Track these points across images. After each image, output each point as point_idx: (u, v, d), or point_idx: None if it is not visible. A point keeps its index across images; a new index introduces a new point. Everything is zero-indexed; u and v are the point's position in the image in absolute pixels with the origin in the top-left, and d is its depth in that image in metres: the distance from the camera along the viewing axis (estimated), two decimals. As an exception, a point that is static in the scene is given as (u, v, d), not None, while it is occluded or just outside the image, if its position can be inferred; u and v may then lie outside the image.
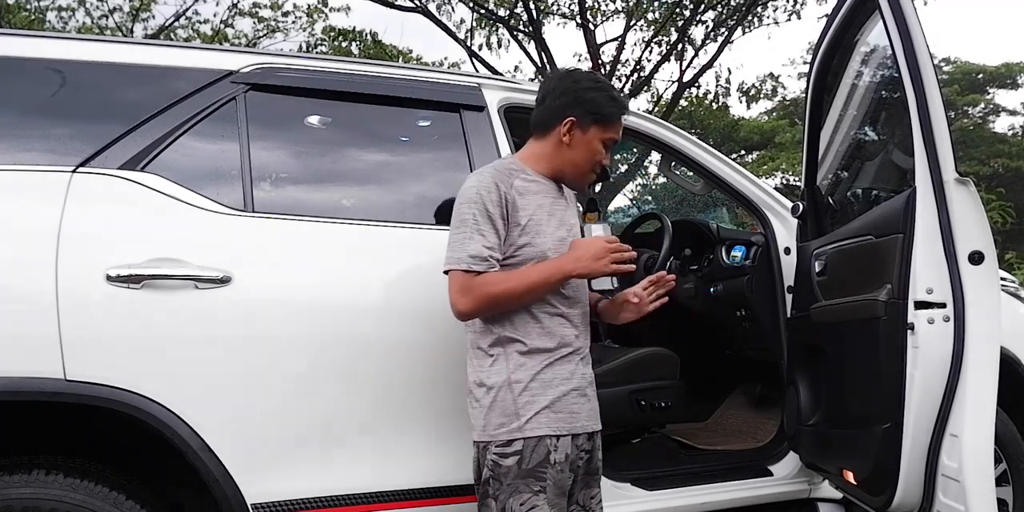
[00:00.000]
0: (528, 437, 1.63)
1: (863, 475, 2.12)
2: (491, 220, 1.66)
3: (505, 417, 1.65)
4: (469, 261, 1.63)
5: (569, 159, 1.78)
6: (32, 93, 1.87)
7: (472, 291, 1.63)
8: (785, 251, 2.62)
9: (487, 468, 1.65)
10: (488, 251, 1.64)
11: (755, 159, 19.26)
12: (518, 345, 1.68)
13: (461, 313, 1.66)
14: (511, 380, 1.66)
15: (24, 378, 1.63)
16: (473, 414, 1.71)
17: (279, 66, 2.08)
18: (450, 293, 1.66)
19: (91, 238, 1.74)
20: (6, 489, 1.61)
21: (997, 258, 1.94)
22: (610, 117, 1.78)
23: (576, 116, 1.75)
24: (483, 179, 1.69)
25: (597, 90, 1.77)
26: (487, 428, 1.66)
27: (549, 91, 1.79)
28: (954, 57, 21.65)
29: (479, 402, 1.69)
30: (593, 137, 1.77)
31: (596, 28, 12.15)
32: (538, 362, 1.68)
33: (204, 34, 13.46)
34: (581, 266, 1.67)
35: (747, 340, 2.89)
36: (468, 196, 1.67)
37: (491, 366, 1.69)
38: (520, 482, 1.63)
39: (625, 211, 16.31)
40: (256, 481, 1.79)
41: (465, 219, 1.66)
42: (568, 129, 1.75)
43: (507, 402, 1.65)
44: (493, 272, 1.64)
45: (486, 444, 1.66)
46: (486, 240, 1.64)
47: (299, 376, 1.85)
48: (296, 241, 1.92)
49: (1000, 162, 18.51)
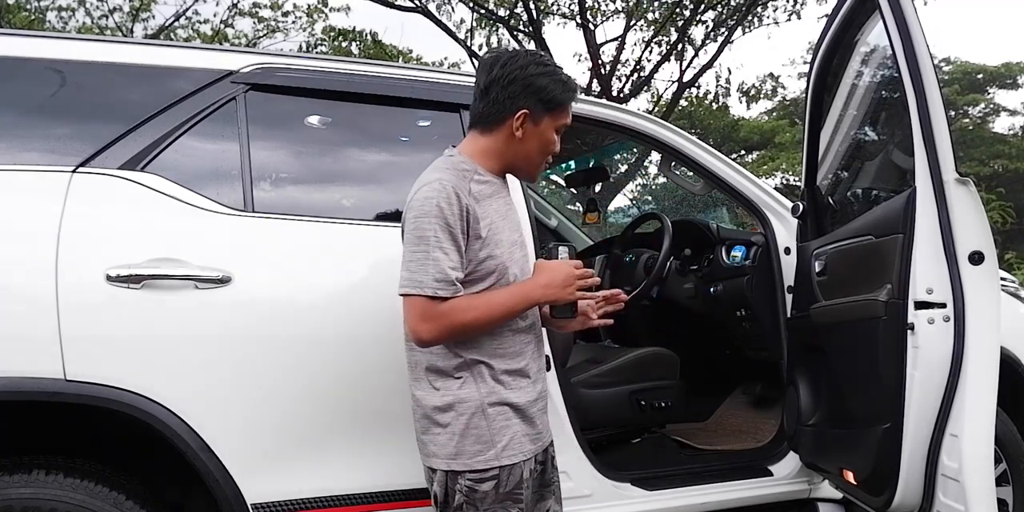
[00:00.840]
0: (505, 465, 1.55)
1: (863, 475, 2.12)
2: (453, 236, 1.50)
3: (481, 444, 1.54)
4: (435, 286, 1.47)
5: (523, 153, 1.64)
6: (32, 93, 1.87)
7: (437, 319, 1.49)
8: (785, 251, 2.62)
9: (460, 493, 1.54)
10: (453, 272, 1.49)
11: (755, 159, 19.26)
12: (486, 367, 1.57)
13: (423, 342, 1.53)
14: (484, 404, 1.55)
15: (24, 378, 1.63)
16: (435, 440, 1.57)
17: (279, 66, 2.08)
18: (409, 318, 1.51)
19: (91, 238, 1.74)
20: (6, 489, 1.61)
21: (997, 258, 1.94)
22: (562, 103, 1.63)
23: (529, 107, 1.59)
24: (442, 189, 1.51)
25: (547, 75, 1.60)
26: (460, 456, 1.54)
27: (494, 80, 1.59)
28: (954, 57, 21.66)
29: (445, 427, 1.55)
30: (547, 127, 1.63)
31: (596, 28, 12.16)
32: (508, 384, 1.58)
33: (204, 34, 13.47)
34: (549, 294, 1.57)
35: (747, 340, 2.89)
36: (427, 209, 1.50)
37: (459, 389, 1.55)
38: (498, 506, 1.55)
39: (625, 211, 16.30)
40: (256, 481, 1.79)
41: (425, 236, 1.49)
42: (521, 122, 1.60)
43: (481, 428, 1.54)
44: (457, 298, 1.51)
45: (458, 471, 1.55)
46: (449, 259, 1.49)
47: (299, 376, 1.85)
48: (296, 241, 1.92)
49: (1000, 162, 18.52)
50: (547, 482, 1.70)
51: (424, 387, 1.59)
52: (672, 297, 3.01)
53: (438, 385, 1.58)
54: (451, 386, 1.56)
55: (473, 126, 1.67)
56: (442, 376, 1.57)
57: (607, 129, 2.54)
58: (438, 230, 1.49)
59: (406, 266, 1.51)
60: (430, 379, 1.59)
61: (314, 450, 1.87)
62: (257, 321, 1.83)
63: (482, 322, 1.54)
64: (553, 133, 1.66)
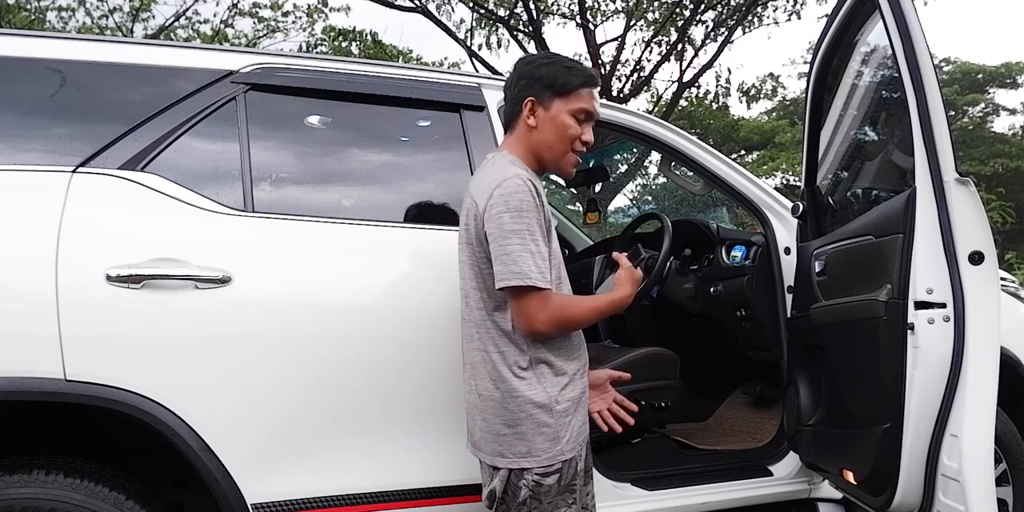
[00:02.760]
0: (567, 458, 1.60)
1: (863, 475, 2.12)
2: (542, 230, 1.56)
3: (549, 442, 1.58)
4: (538, 277, 1.51)
5: (542, 142, 1.67)
6: (32, 93, 1.87)
7: (553, 312, 1.54)
8: (785, 251, 2.62)
9: (526, 488, 1.58)
10: (547, 266, 1.54)
11: (755, 159, 19.26)
12: (548, 366, 1.61)
13: (539, 332, 1.56)
14: (551, 402, 1.59)
15: (24, 378, 1.63)
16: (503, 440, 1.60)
17: (279, 66, 2.08)
18: (525, 310, 1.53)
19: (91, 238, 1.73)
20: (6, 489, 1.61)
21: (997, 258, 1.94)
22: (568, 85, 1.65)
23: (534, 95, 1.65)
24: (525, 183, 1.55)
25: (549, 65, 1.67)
26: (530, 455, 1.58)
27: (509, 84, 1.71)
28: (954, 57, 21.66)
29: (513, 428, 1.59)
30: (558, 111, 1.65)
31: (596, 28, 12.17)
32: (567, 381, 1.63)
33: (204, 34, 13.46)
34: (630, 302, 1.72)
35: (747, 340, 2.89)
36: (514, 203, 1.53)
37: (528, 390, 1.59)
38: (559, 498, 1.61)
39: (625, 211, 16.31)
40: (256, 481, 1.79)
41: (519, 230, 1.52)
42: (530, 110, 1.66)
43: (549, 426, 1.58)
44: (564, 296, 1.60)
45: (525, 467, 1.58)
46: (543, 253, 1.54)
47: (300, 376, 1.85)
48: (296, 241, 1.92)
49: (1000, 162, 18.52)
50: (588, 467, 1.75)
51: (489, 388, 1.62)
52: (672, 297, 3.01)
53: (505, 388, 1.60)
54: (519, 386, 1.59)
55: (505, 131, 1.77)
56: (509, 379, 1.60)
57: (607, 129, 2.54)
58: (532, 224, 1.54)
59: (501, 260, 1.53)
60: (496, 381, 1.61)
61: (315, 450, 1.87)
62: (257, 321, 1.82)
63: (585, 322, 1.64)
64: (569, 117, 1.67)
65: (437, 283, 2.00)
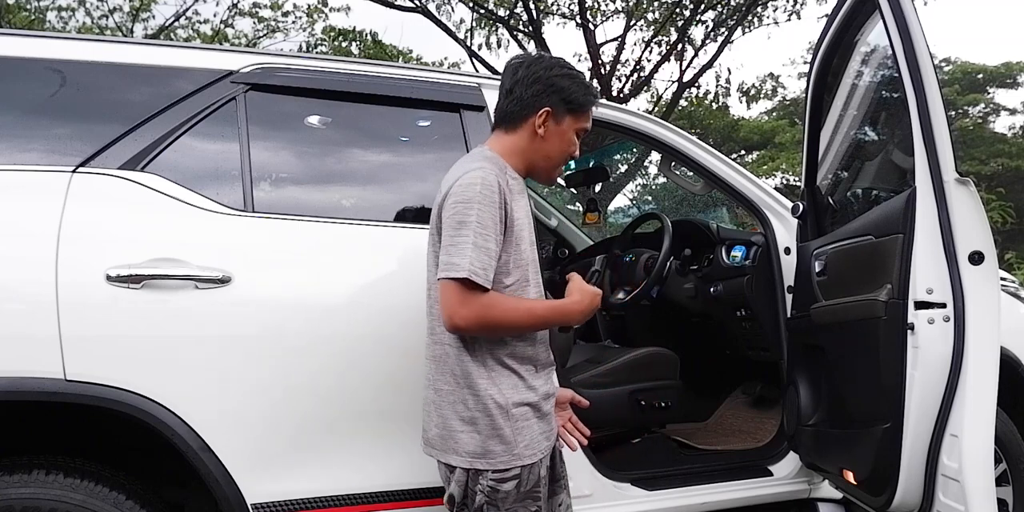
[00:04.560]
0: (526, 464, 1.56)
1: (863, 475, 2.12)
2: (493, 224, 1.51)
3: (504, 444, 1.55)
4: (472, 270, 1.47)
5: (544, 152, 1.68)
6: (32, 93, 1.87)
7: (476, 308, 1.49)
8: (785, 251, 2.62)
9: (482, 493, 1.55)
10: (491, 262, 1.50)
11: (755, 159, 19.27)
12: (509, 368, 1.59)
13: (456, 327, 1.52)
14: (509, 404, 1.56)
15: (24, 378, 1.63)
16: (459, 438, 1.57)
17: (279, 66, 2.08)
18: (447, 302, 1.50)
19: (91, 238, 1.74)
20: (6, 489, 1.61)
21: (997, 258, 1.94)
22: (584, 106, 1.69)
23: (551, 106, 1.64)
24: (485, 177, 1.52)
25: (570, 78, 1.66)
26: (485, 456, 1.55)
27: (518, 80, 1.65)
28: (954, 57, 21.67)
29: (471, 426, 1.56)
30: (568, 128, 1.68)
31: (596, 28, 12.17)
32: (529, 383, 1.60)
33: (204, 34, 13.47)
34: (583, 317, 1.68)
35: (747, 340, 2.89)
36: (469, 195, 1.51)
37: (487, 389, 1.56)
38: (518, 505, 1.57)
39: (625, 211, 16.30)
40: (256, 481, 1.79)
41: (467, 221, 1.50)
42: (544, 120, 1.65)
43: (505, 429, 1.55)
44: (498, 294, 1.53)
45: (480, 471, 1.55)
46: (489, 249, 1.50)
47: (299, 376, 1.85)
48: (296, 241, 1.92)
49: (1000, 162, 18.52)
50: (557, 476, 1.73)
51: (449, 384, 1.59)
52: (672, 297, 3.01)
53: (465, 384, 1.58)
54: (479, 386, 1.56)
55: (497, 125, 1.72)
56: (470, 375, 1.57)
57: (607, 129, 2.54)
58: (480, 216, 1.50)
59: (446, 250, 1.51)
60: (456, 377, 1.59)
61: (315, 450, 1.87)
62: (257, 321, 1.83)
63: (516, 326, 1.58)
64: (574, 135, 1.71)
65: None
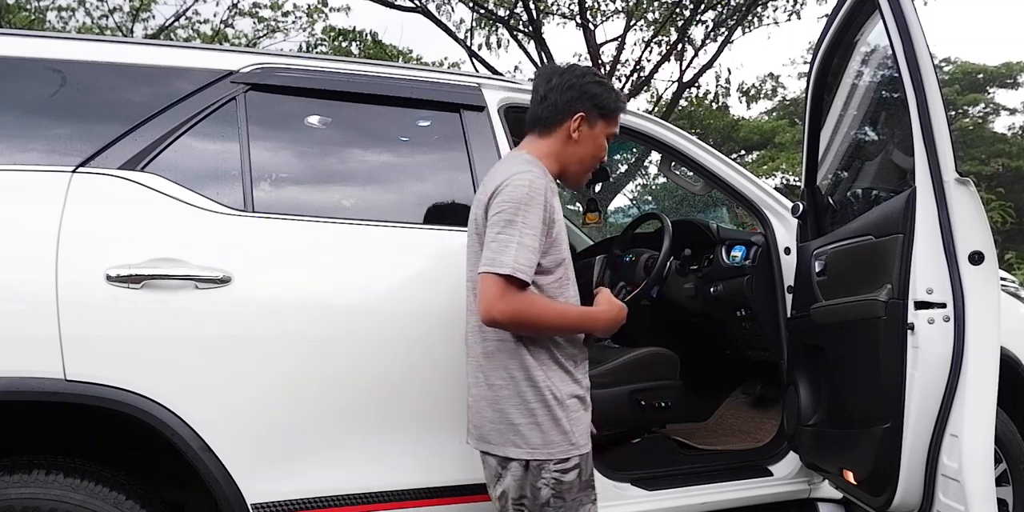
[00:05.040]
0: (583, 453, 1.64)
1: (863, 475, 2.12)
2: (539, 226, 1.58)
3: (562, 434, 1.61)
4: (515, 267, 1.52)
5: (577, 156, 1.77)
6: (32, 93, 1.87)
7: (514, 304, 1.53)
8: (785, 251, 2.62)
9: (547, 487, 1.60)
10: (534, 260, 1.56)
11: (755, 159, 19.26)
12: (558, 361, 1.65)
13: (493, 320, 1.56)
14: (564, 395, 1.63)
15: (24, 378, 1.63)
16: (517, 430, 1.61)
17: (279, 66, 2.08)
18: (486, 295, 1.54)
19: (91, 238, 1.74)
20: (6, 489, 1.61)
21: (997, 258, 1.94)
22: (615, 111, 1.79)
23: (586, 111, 1.74)
24: (534, 180, 1.59)
25: (600, 85, 1.77)
26: (546, 446, 1.60)
27: (552, 87, 1.74)
28: (954, 57, 21.67)
29: (528, 419, 1.61)
30: (600, 132, 1.77)
31: (596, 28, 12.17)
32: (575, 377, 1.68)
33: (204, 34, 13.46)
34: (609, 328, 1.73)
35: (747, 340, 2.89)
36: (518, 196, 1.57)
37: (543, 381, 1.62)
38: (582, 495, 1.64)
39: (625, 211, 16.30)
40: (256, 481, 1.79)
41: (514, 220, 1.55)
42: (578, 125, 1.74)
43: (562, 419, 1.61)
44: (536, 294, 1.60)
45: (541, 463, 1.60)
46: (532, 249, 1.56)
47: (299, 376, 1.85)
48: (296, 241, 1.92)
49: (1000, 162, 18.52)
50: None
51: (504, 378, 1.64)
52: (672, 297, 3.01)
53: (524, 377, 1.62)
54: (537, 378, 1.62)
55: (531, 130, 1.80)
56: (528, 369, 1.62)
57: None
58: (527, 217, 1.56)
59: (490, 247, 1.57)
60: (512, 371, 1.63)
61: (315, 450, 1.87)
62: (257, 321, 1.83)
63: (549, 328, 1.63)
64: (604, 140, 1.80)
65: (438, 283, 2.00)
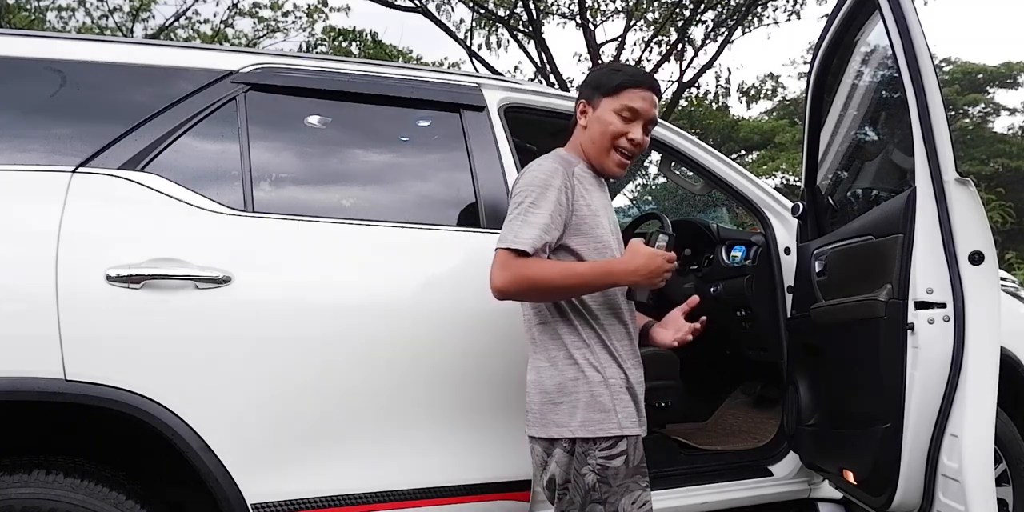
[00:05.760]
0: (629, 436, 1.63)
1: (863, 475, 2.12)
2: (548, 204, 1.62)
3: (604, 412, 1.62)
4: (515, 241, 1.59)
5: (587, 138, 1.77)
6: (32, 93, 1.87)
7: (511, 269, 1.58)
8: (785, 251, 2.62)
9: (591, 472, 1.60)
10: (536, 233, 1.59)
11: (755, 159, 19.26)
12: (603, 341, 1.68)
13: (495, 288, 1.61)
14: (606, 376, 1.65)
15: (24, 378, 1.63)
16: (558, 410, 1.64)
17: (279, 66, 2.08)
18: (491, 270, 1.62)
19: (91, 238, 1.73)
20: (6, 489, 1.60)
21: (997, 258, 1.94)
22: (610, 83, 1.74)
23: (584, 97, 1.78)
24: (544, 166, 1.68)
25: (600, 69, 1.82)
26: (587, 423, 1.61)
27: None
28: (954, 57, 21.68)
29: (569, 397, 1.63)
30: (604, 110, 1.74)
31: (596, 28, 12.16)
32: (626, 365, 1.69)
33: (204, 34, 13.46)
34: (636, 278, 1.63)
35: (747, 340, 2.89)
36: (527, 179, 1.66)
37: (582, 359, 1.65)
38: (629, 481, 1.62)
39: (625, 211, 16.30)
40: (256, 481, 1.79)
41: (521, 201, 1.64)
42: (581, 111, 1.78)
43: (603, 397, 1.63)
44: (538, 258, 1.61)
45: (587, 448, 1.61)
46: (537, 225, 1.60)
47: (299, 376, 1.85)
48: (296, 241, 1.92)
49: (1000, 162, 18.53)
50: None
51: (545, 361, 1.68)
52: (672, 297, 3.01)
53: (564, 357, 1.66)
54: (576, 357, 1.65)
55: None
56: (565, 347, 1.66)
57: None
58: (537, 198, 1.62)
59: (503, 227, 1.65)
60: (551, 351, 1.68)
61: (315, 450, 1.87)
62: (257, 321, 1.82)
63: (556, 285, 1.62)
64: (613, 116, 1.74)
65: (438, 282, 2.00)
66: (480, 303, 1.91)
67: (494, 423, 2.01)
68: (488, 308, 1.86)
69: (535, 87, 2.53)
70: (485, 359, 1.99)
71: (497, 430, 2.01)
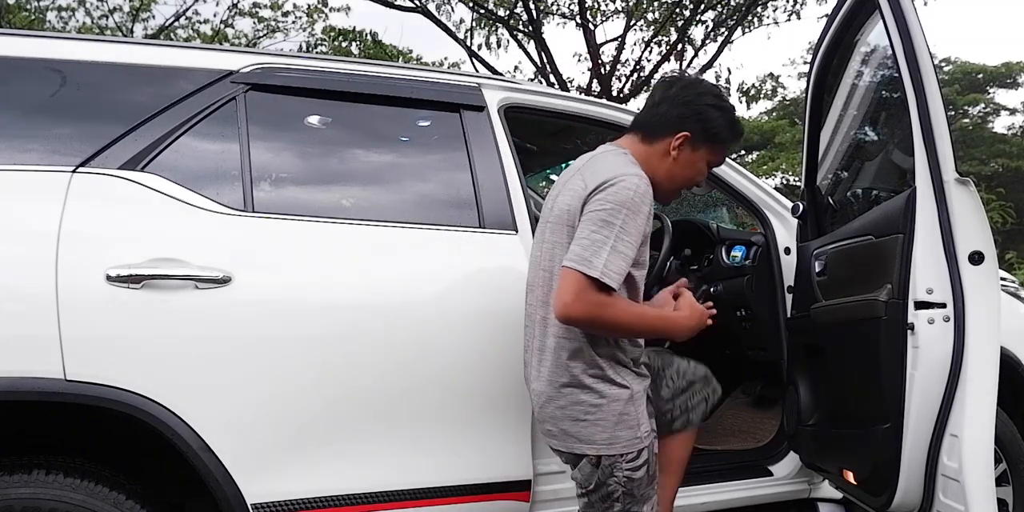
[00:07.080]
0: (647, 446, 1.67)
1: (863, 475, 2.12)
2: (637, 234, 1.56)
3: (629, 429, 1.64)
4: (604, 272, 1.50)
5: (671, 173, 1.72)
6: (32, 93, 1.87)
7: (592, 304, 1.51)
8: (785, 251, 2.62)
9: (618, 484, 1.63)
10: (624, 268, 1.53)
11: (755, 159, 19.27)
12: (624, 353, 1.68)
13: (565, 317, 1.54)
14: (633, 392, 1.66)
15: (24, 378, 1.63)
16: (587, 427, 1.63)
17: (279, 66, 2.08)
18: (564, 292, 1.52)
19: (91, 238, 1.73)
20: (6, 489, 1.60)
21: (997, 258, 1.94)
22: (725, 141, 1.74)
23: (692, 132, 1.70)
24: (641, 185, 1.57)
25: (719, 110, 1.72)
26: (615, 443, 1.62)
27: (667, 97, 1.72)
28: (954, 57, 21.70)
29: (596, 414, 1.62)
30: (701, 157, 1.73)
31: (596, 28, 12.16)
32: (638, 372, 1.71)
33: (204, 34, 13.46)
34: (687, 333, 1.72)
35: (747, 340, 2.89)
36: (623, 198, 1.55)
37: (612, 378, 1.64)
38: (649, 489, 1.68)
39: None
40: (256, 481, 1.79)
41: (613, 223, 1.53)
42: (680, 144, 1.70)
43: (631, 415, 1.64)
44: (616, 296, 1.55)
45: (613, 462, 1.63)
46: (625, 256, 1.53)
47: (299, 376, 1.85)
48: (296, 241, 1.92)
49: (1000, 162, 18.54)
50: None
51: (565, 377, 1.64)
52: (672, 297, 3.01)
53: (591, 375, 1.63)
54: (600, 374, 1.63)
55: (633, 130, 1.78)
56: (593, 366, 1.63)
57: (607, 129, 2.53)
58: (626, 222, 1.53)
59: (581, 243, 1.53)
60: (571, 368, 1.63)
61: (315, 450, 1.87)
62: (257, 321, 1.82)
63: (625, 330, 1.63)
64: (705, 165, 1.74)
65: (439, 282, 2.00)
66: (480, 303, 1.91)
67: (495, 423, 2.01)
68: (489, 308, 1.86)
69: (535, 87, 2.53)
70: (485, 359, 1.99)
71: (498, 430, 2.01)
